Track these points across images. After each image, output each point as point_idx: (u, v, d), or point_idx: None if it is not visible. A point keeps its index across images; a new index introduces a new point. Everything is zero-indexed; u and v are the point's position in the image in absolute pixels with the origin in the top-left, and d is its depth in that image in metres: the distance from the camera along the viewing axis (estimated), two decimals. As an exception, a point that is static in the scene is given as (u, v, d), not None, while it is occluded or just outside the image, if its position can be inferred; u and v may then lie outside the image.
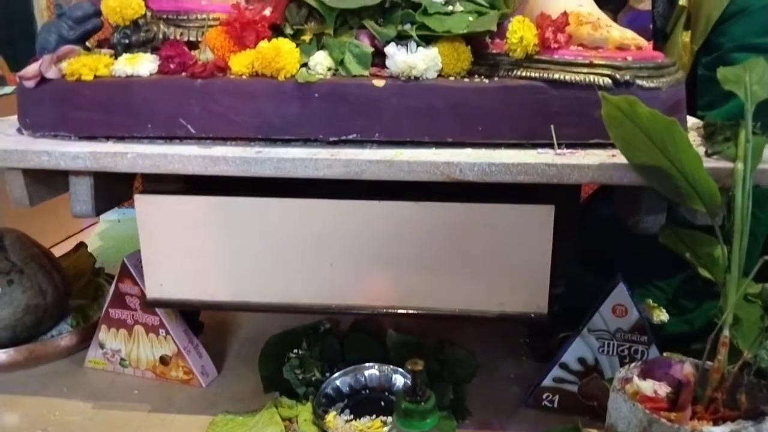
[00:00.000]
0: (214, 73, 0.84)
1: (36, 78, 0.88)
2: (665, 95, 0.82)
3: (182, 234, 0.90)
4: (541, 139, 0.82)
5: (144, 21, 0.91)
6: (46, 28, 0.99)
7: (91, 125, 0.87)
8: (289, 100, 0.83)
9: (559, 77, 0.80)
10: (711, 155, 0.79)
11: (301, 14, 0.92)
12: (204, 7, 0.92)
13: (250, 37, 0.87)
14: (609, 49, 0.83)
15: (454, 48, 0.86)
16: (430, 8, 0.89)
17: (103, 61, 0.88)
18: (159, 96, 0.84)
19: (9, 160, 0.85)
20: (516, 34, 0.81)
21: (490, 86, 0.82)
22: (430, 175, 0.79)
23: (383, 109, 0.83)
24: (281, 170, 0.81)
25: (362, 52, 0.86)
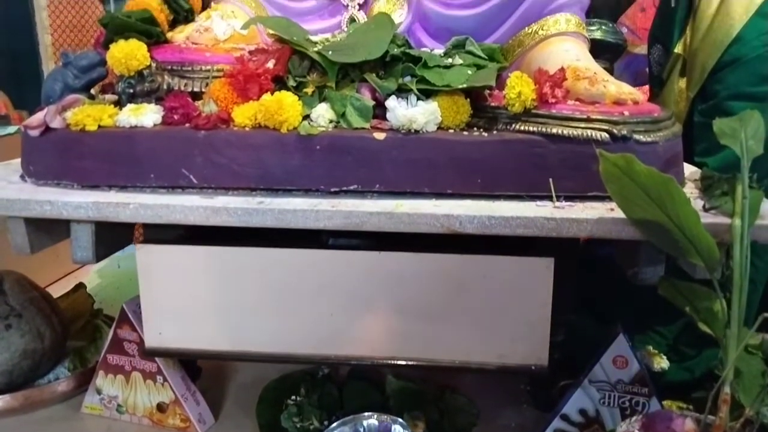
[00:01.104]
0: (217, 124, 0.86)
1: (41, 127, 0.89)
2: (662, 149, 0.83)
3: (182, 283, 0.90)
4: (539, 192, 0.83)
5: (149, 71, 0.93)
6: (51, 77, 1.01)
7: (94, 174, 0.88)
8: (291, 152, 0.84)
9: (557, 132, 0.81)
10: (708, 210, 0.79)
11: (303, 66, 0.94)
12: (208, 58, 0.94)
13: (253, 89, 0.88)
14: (606, 103, 0.84)
15: (453, 101, 0.87)
16: (430, 61, 0.91)
17: (107, 112, 0.89)
18: (162, 147, 0.85)
19: (12, 209, 0.86)
20: (514, 90, 0.82)
21: (489, 140, 0.83)
22: (430, 227, 0.79)
23: (384, 161, 0.84)
24: (282, 221, 0.81)
25: (363, 106, 0.87)
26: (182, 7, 1.00)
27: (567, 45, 0.94)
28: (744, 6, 1.19)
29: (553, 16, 0.96)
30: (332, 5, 1.13)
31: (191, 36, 0.97)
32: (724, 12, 1.21)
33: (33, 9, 2.65)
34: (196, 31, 0.97)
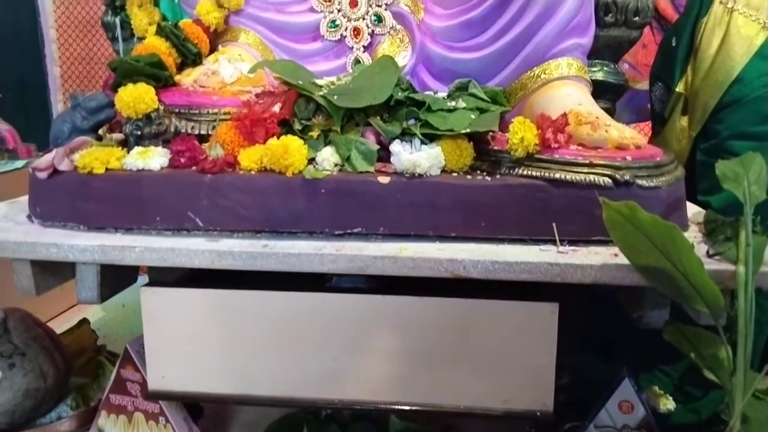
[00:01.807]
0: (223, 168, 0.86)
1: (49, 170, 0.90)
2: (665, 193, 0.83)
3: (186, 326, 0.90)
4: (543, 236, 0.83)
5: (156, 114, 0.94)
6: (60, 118, 1.02)
7: (101, 217, 0.88)
8: (296, 196, 0.85)
9: (559, 177, 0.82)
10: (712, 256, 0.79)
11: (309, 108, 0.95)
12: (215, 101, 0.95)
13: (259, 133, 0.89)
14: (608, 148, 0.85)
15: (456, 145, 0.88)
16: (434, 105, 0.92)
17: (115, 154, 0.90)
18: (169, 190, 0.86)
19: (18, 252, 0.86)
20: (517, 135, 0.83)
21: (492, 184, 0.84)
22: (434, 271, 0.80)
23: (388, 205, 0.84)
24: (287, 264, 0.82)
25: (368, 150, 0.88)
26: (190, 51, 1.02)
27: (569, 89, 0.95)
28: (744, 47, 1.21)
29: (555, 60, 0.98)
30: (338, 47, 1.15)
31: (199, 79, 0.99)
32: (725, 53, 1.22)
33: (43, 41, 2.71)
34: (204, 75, 0.99)
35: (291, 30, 1.14)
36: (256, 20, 1.11)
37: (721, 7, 1.24)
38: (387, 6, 1.11)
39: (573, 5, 0.96)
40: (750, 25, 1.21)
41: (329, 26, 1.13)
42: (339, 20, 1.13)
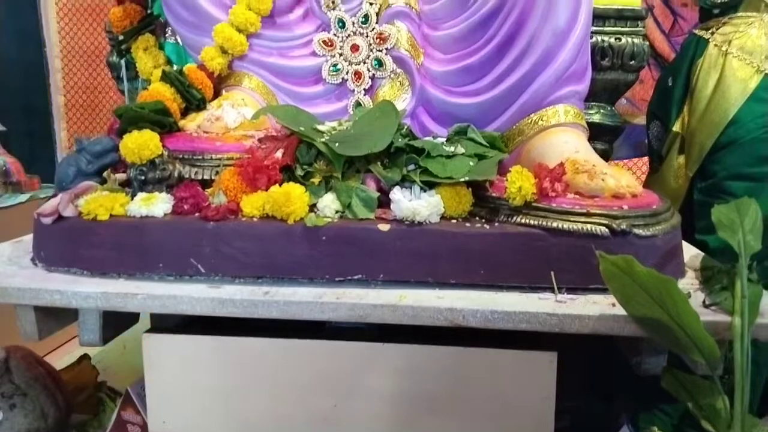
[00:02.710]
0: (226, 215, 0.88)
1: (53, 216, 0.91)
2: (661, 242, 0.84)
3: (188, 372, 0.91)
4: (542, 283, 0.84)
5: (160, 160, 0.96)
6: (65, 162, 1.04)
7: (104, 263, 0.89)
8: (297, 243, 0.86)
9: (557, 225, 0.83)
10: (709, 306, 0.80)
11: (311, 153, 0.96)
12: (218, 147, 0.97)
13: (262, 179, 0.91)
14: (605, 197, 0.86)
15: (455, 192, 0.89)
16: (433, 151, 0.94)
17: (119, 200, 0.91)
18: (172, 237, 0.87)
19: (22, 298, 0.87)
20: (515, 184, 0.84)
21: (490, 232, 0.85)
22: (434, 320, 0.80)
23: (388, 252, 0.85)
24: (287, 313, 0.82)
25: (368, 197, 0.89)
26: (194, 97, 1.04)
27: (566, 137, 0.97)
28: (739, 89, 1.23)
29: (552, 107, 0.99)
30: (339, 90, 1.17)
31: (202, 125, 1.00)
32: (720, 94, 1.25)
33: (48, 71, 2.75)
34: (208, 120, 1.01)
35: (293, 74, 1.16)
36: (260, 65, 1.14)
37: (716, 50, 1.27)
38: (387, 51, 1.14)
39: (569, 54, 0.98)
40: (744, 69, 1.23)
41: (331, 70, 1.15)
42: (341, 64, 1.15)
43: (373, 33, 1.14)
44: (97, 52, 2.76)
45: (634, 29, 1.15)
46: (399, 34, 1.13)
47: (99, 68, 2.78)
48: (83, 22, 2.75)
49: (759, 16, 1.26)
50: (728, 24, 1.28)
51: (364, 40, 1.14)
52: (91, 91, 2.82)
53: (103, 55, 2.74)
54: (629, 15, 1.15)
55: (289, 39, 1.15)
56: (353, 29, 1.15)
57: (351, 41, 1.15)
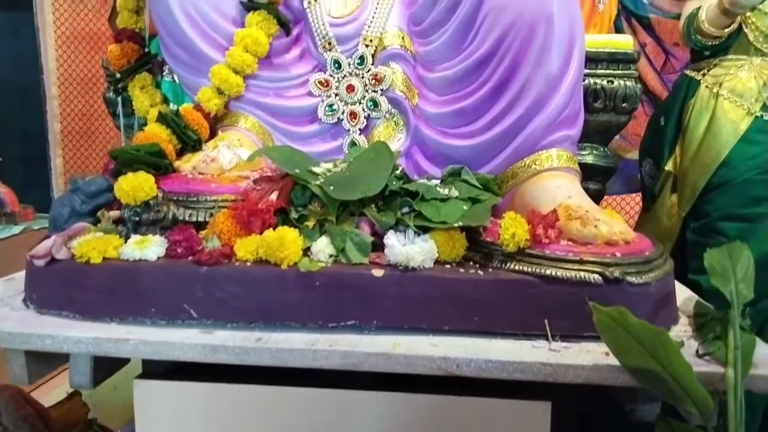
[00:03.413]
0: (219, 260, 0.87)
1: (46, 258, 0.91)
2: (654, 289, 0.85)
3: (179, 418, 0.90)
4: (536, 330, 0.84)
5: (155, 201, 0.96)
6: (59, 202, 1.03)
7: (97, 307, 0.89)
8: (290, 288, 0.86)
9: (550, 273, 0.83)
10: (702, 356, 0.80)
11: (305, 195, 0.97)
12: (213, 189, 0.97)
13: (256, 223, 0.91)
14: (598, 244, 0.86)
15: (449, 236, 0.90)
16: (427, 194, 0.94)
17: (112, 243, 0.91)
18: (165, 282, 0.87)
19: (13, 342, 0.86)
20: (509, 231, 0.85)
21: (484, 278, 0.85)
22: (428, 369, 0.80)
23: (382, 298, 0.85)
24: (279, 360, 0.82)
25: (362, 241, 0.89)
26: (190, 138, 1.04)
27: (559, 181, 0.97)
28: (731, 131, 1.25)
29: (545, 152, 1.00)
30: (334, 129, 1.18)
31: (198, 166, 1.01)
32: (712, 136, 1.26)
33: (45, 98, 2.76)
34: (203, 162, 1.01)
35: (290, 114, 1.17)
36: (256, 105, 1.14)
37: (708, 91, 1.29)
38: (383, 92, 1.15)
39: (562, 99, 0.99)
40: (735, 110, 1.25)
41: (327, 110, 1.16)
42: (336, 104, 1.16)
43: (368, 74, 1.15)
44: (94, 79, 2.78)
45: (626, 72, 1.17)
46: (394, 76, 1.15)
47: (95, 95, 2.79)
48: (81, 49, 2.77)
49: (749, 59, 1.28)
50: (719, 66, 1.31)
51: (360, 81, 1.16)
52: (87, 118, 2.83)
53: (100, 83, 2.76)
54: (621, 58, 1.17)
55: (285, 79, 1.16)
56: (349, 70, 1.16)
57: (347, 82, 1.16)
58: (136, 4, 1.23)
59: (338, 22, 1.16)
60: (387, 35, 1.16)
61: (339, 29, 1.15)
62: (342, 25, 1.16)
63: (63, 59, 2.76)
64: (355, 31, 1.15)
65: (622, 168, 1.75)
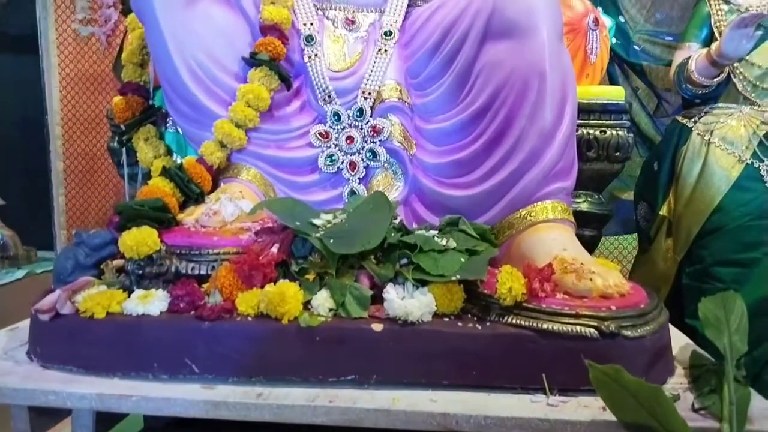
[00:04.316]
0: (221, 315, 0.89)
1: (51, 313, 0.92)
2: (650, 342, 0.86)
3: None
4: (534, 384, 0.85)
5: (158, 255, 0.97)
6: (63, 255, 1.05)
7: (100, 362, 0.90)
8: (291, 343, 0.87)
9: (547, 327, 0.84)
10: (698, 411, 0.81)
11: (306, 247, 0.98)
12: (216, 242, 0.99)
13: (257, 277, 0.92)
14: (594, 297, 0.88)
15: (447, 289, 0.91)
16: (425, 246, 0.96)
17: (116, 298, 0.92)
18: (167, 337, 0.88)
19: (16, 398, 0.87)
20: (505, 285, 0.86)
21: (482, 333, 0.86)
22: (427, 425, 0.81)
23: (381, 353, 0.86)
24: (280, 416, 0.83)
25: (362, 295, 0.91)
26: (193, 191, 1.07)
27: (554, 233, 0.99)
28: (723, 178, 1.27)
29: (541, 203, 1.03)
30: (334, 178, 1.21)
31: (200, 219, 1.03)
32: (704, 183, 1.29)
33: (48, 137, 2.80)
34: (206, 215, 1.03)
35: (290, 164, 1.19)
36: (257, 157, 1.17)
37: (699, 139, 1.32)
38: (381, 142, 1.18)
39: (556, 153, 1.02)
40: (726, 158, 1.28)
41: (327, 161, 1.19)
42: (336, 155, 1.19)
43: (367, 126, 1.18)
44: (97, 120, 2.81)
45: (619, 122, 1.20)
46: (392, 127, 1.18)
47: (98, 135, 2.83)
48: (84, 90, 2.81)
49: (738, 107, 1.31)
50: (710, 114, 1.34)
51: (359, 132, 1.19)
52: (90, 158, 2.86)
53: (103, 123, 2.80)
54: (613, 109, 1.20)
55: (286, 131, 1.19)
56: (348, 122, 1.19)
57: (346, 133, 1.19)
58: (140, 57, 1.26)
59: (338, 76, 1.20)
60: (385, 88, 1.19)
61: (338, 83, 1.19)
62: (341, 79, 1.19)
63: (67, 100, 2.81)
64: (354, 85, 1.19)
65: (618, 209, 1.77)
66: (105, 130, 2.79)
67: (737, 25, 1.24)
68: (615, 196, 1.77)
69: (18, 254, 1.83)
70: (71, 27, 2.73)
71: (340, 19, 1.25)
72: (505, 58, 1.04)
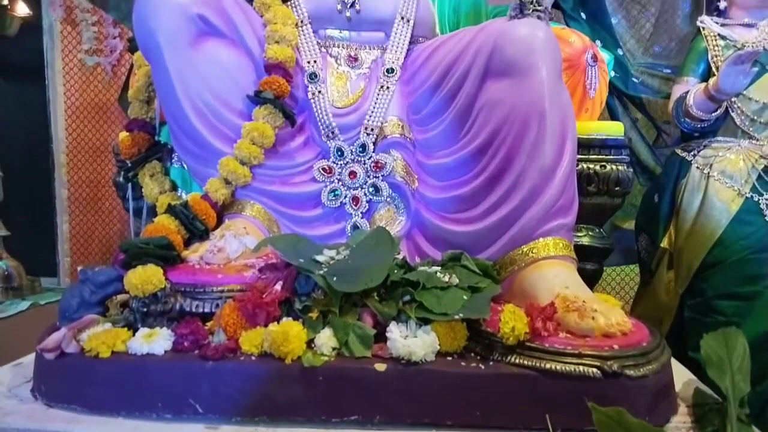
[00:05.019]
0: (225, 354, 0.89)
1: (56, 351, 0.93)
2: (652, 382, 0.86)
3: None
4: (537, 425, 0.85)
5: (163, 293, 0.98)
6: (69, 293, 1.06)
7: (104, 401, 0.90)
8: (294, 383, 0.87)
9: (550, 367, 0.85)
10: (701, 452, 0.81)
11: (309, 284, 0.99)
12: (220, 280, 1.00)
13: (261, 315, 0.93)
14: (596, 336, 0.88)
15: (450, 327, 0.91)
16: (428, 283, 0.96)
17: (121, 337, 0.93)
18: (171, 377, 0.88)
19: (20, 439, 0.88)
20: (508, 325, 0.87)
21: (486, 373, 0.87)
22: (430, 466, 0.81)
23: (385, 393, 0.87)
24: (282, 461, 0.83)
25: (365, 334, 0.91)
26: (198, 229, 1.08)
27: (556, 270, 1.00)
28: (723, 212, 1.28)
29: (542, 240, 1.03)
30: (337, 212, 1.22)
31: (205, 256, 1.04)
32: (704, 216, 1.30)
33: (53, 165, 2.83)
34: (210, 252, 1.04)
35: (294, 200, 1.21)
36: (262, 193, 1.18)
37: (699, 172, 1.33)
38: (383, 177, 1.19)
39: (556, 190, 1.02)
40: (726, 191, 1.29)
41: (330, 195, 1.21)
42: (339, 190, 1.20)
43: (370, 161, 1.20)
44: (102, 148, 2.85)
45: (618, 157, 1.21)
46: (395, 163, 1.19)
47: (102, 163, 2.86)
48: (89, 119, 2.85)
49: (736, 141, 1.33)
50: (709, 147, 1.35)
51: (362, 168, 1.20)
52: (95, 185, 2.89)
53: (107, 151, 2.83)
54: (613, 144, 1.22)
55: (290, 167, 1.21)
56: (351, 157, 1.21)
57: (349, 168, 1.20)
58: (147, 95, 1.28)
59: (341, 112, 1.22)
60: (387, 124, 1.21)
61: (341, 119, 1.21)
62: (344, 115, 1.21)
63: (72, 128, 2.84)
64: (357, 121, 1.21)
65: (619, 239, 1.78)
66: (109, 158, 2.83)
67: (734, 61, 1.26)
68: (616, 225, 1.78)
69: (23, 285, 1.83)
70: (77, 57, 2.77)
71: (343, 56, 1.28)
72: (505, 96, 1.06)
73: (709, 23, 1.46)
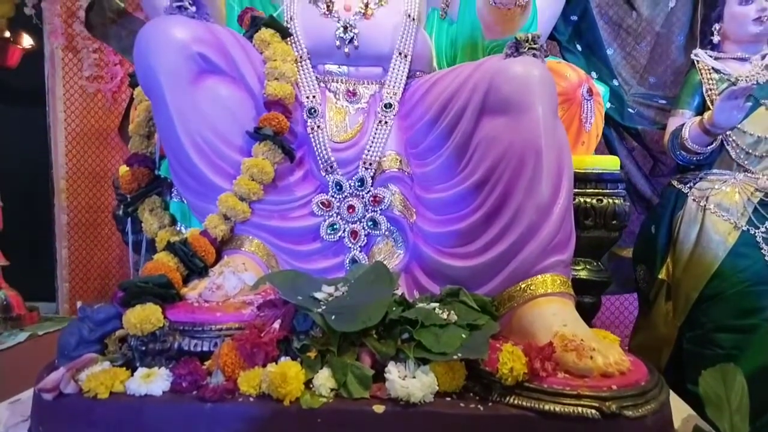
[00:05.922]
0: (223, 395, 0.89)
1: (54, 392, 0.93)
2: (651, 422, 0.86)
3: None
4: (536, 466, 0.85)
5: (161, 332, 0.98)
6: (68, 330, 1.05)
7: (102, 443, 0.90)
8: (292, 425, 0.87)
9: (548, 408, 0.85)
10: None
11: (308, 322, 0.99)
12: (218, 318, 1.00)
13: (259, 355, 0.93)
14: (594, 376, 0.88)
15: (449, 366, 0.91)
16: (426, 320, 0.97)
17: (119, 377, 0.93)
18: (169, 418, 0.88)
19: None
20: (507, 365, 0.87)
21: (485, 414, 0.86)
22: None
23: (383, 435, 0.86)
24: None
25: (363, 375, 0.91)
26: (197, 266, 1.08)
27: (554, 307, 1.00)
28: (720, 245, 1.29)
29: (540, 276, 1.03)
30: (336, 246, 1.23)
31: (204, 294, 1.04)
32: (701, 249, 1.30)
33: (53, 191, 2.83)
34: (209, 289, 1.04)
35: (293, 234, 1.21)
36: (260, 228, 1.19)
37: (695, 204, 1.34)
38: (382, 211, 1.20)
39: (553, 227, 1.03)
40: (723, 224, 1.29)
41: (329, 229, 1.21)
42: (338, 223, 1.21)
43: (368, 195, 1.21)
44: (101, 173, 2.85)
45: (615, 191, 1.22)
46: (393, 197, 1.20)
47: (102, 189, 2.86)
48: (90, 145, 2.86)
49: (732, 174, 1.34)
50: (705, 180, 1.36)
51: (360, 202, 1.21)
52: (94, 211, 2.89)
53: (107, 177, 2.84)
54: (609, 178, 1.23)
55: (289, 201, 1.21)
56: (350, 191, 1.21)
57: (348, 202, 1.21)
58: (147, 129, 1.29)
59: (339, 147, 1.23)
60: (385, 159, 1.22)
61: (340, 153, 1.22)
62: (343, 150, 1.22)
63: (72, 154, 2.85)
64: (356, 155, 1.22)
65: (618, 268, 1.78)
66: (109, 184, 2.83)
67: (728, 96, 1.28)
68: (615, 254, 1.78)
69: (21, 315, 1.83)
70: (78, 83, 2.79)
71: (342, 91, 1.29)
72: (502, 133, 1.07)
73: (704, 57, 1.48)
